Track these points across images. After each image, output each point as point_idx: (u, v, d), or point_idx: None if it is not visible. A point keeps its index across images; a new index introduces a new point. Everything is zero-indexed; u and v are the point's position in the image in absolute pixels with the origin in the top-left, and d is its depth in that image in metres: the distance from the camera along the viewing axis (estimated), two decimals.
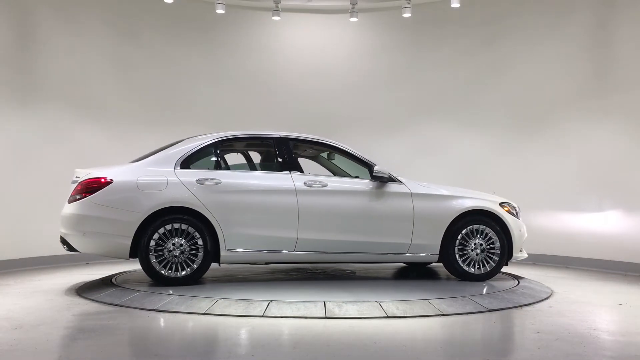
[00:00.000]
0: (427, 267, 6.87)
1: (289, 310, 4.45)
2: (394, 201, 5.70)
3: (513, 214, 6.00)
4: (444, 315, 4.48)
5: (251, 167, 6.22)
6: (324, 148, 6.15)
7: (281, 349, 3.57)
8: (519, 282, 5.87)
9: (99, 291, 5.28)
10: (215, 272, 6.48)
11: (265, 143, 6.09)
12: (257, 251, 5.48)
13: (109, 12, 8.45)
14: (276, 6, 8.83)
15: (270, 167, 6.02)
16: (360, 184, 5.75)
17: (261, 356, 3.41)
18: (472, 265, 5.79)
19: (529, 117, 8.40)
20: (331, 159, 6.31)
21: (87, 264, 7.72)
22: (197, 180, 5.41)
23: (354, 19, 8.99)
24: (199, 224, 5.35)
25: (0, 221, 7.13)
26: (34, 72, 7.62)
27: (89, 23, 8.24)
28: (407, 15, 8.76)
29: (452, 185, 6.41)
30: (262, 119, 9.07)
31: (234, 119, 8.94)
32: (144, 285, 5.42)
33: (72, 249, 5.46)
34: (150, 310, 4.59)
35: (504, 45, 8.69)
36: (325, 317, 4.34)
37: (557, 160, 8.11)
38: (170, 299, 4.77)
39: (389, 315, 4.41)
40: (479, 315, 4.55)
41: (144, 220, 5.25)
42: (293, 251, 5.53)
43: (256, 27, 9.36)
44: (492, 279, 5.85)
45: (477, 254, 5.79)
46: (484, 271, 5.80)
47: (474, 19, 8.90)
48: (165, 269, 5.28)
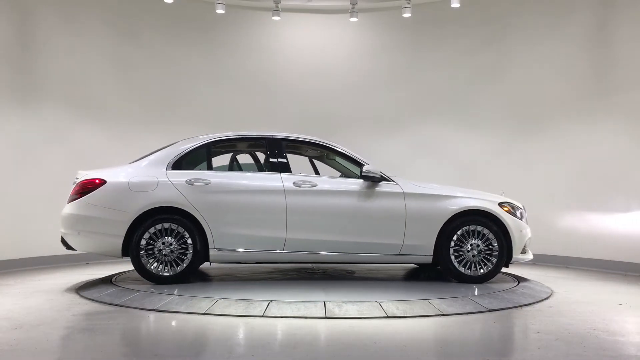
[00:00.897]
0: (428, 268, 6.85)
1: (289, 310, 4.45)
2: (385, 201, 5.63)
3: (514, 214, 5.83)
4: (444, 315, 4.47)
5: (244, 168, 6.24)
6: (316, 148, 6.13)
7: (281, 349, 3.57)
8: (519, 282, 5.86)
9: (99, 291, 5.28)
10: (215, 272, 6.49)
11: (256, 144, 6.16)
12: (246, 251, 5.53)
13: (109, 12, 8.46)
14: (276, 6, 8.84)
15: (261, 168, 6.09)
16: (352, 184, 5.72)
17: (261, 356, 3.41)
18: (469, 267, 5.68)
19: (529, 117, 8.40)
20: (330, 159, 6.31)
21: (87, 264, 7.72)
22: (187, 181, 5.51)
23: (354, 19, 9.00)
24: (188, 224, 5.44)
25: (1, 221, 7.13)
26: (35, 72, 7.62)
27: (89, 23, 8.25)
28: (407, 15, 8.77)
29: (453, 185, 6.40)
30: (262, 119, 9.07)
31: (234, 119, 8.95)
32: (144, 285, 5.42)
33: (70, 248, 5.65)
34: (150, 310, 4.59)
35: (504, 45, 8.69)
36: (325, 317, 4.33)
37: (557, 160, 8.11)
38: (170, 299, 4.77)
39: (389, 315, 4.40)
40: (479, 315, 4.55)
41: (135, 220, 5.39)
42: (282, 251, 5.55)
43: (256, 27, 9.36)
44: (493, 279, 5.84)
45: (474, 256, 5.66)
46: (481, 273, 5.69)
47: (474, 19, 8.90)
48: (156, 268, 5.41)
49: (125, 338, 3.99)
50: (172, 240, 5.41)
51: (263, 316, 4.35)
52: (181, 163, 5.67)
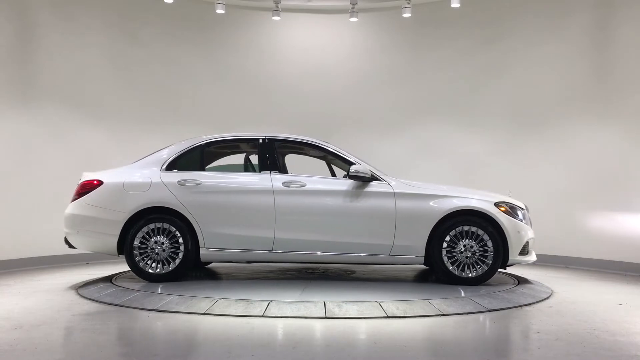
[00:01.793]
0: (428, 268, 6.85)
1: (289, 310, 4.45)
2: (374, 201, 5.56)
3: (511, 215, 5.62)
4: (444, 315, 4.47)
5: (237, 169, 6.26)
6: (308, 147, 6.13)
7: (281, 349, 3.57)
8: (519, 282, 5.86)
9: (99, 291, 5.29)
10: (215, 272, 6.49)
11: (249, 145, 6.22)
12: (236, 250, 5.59)
13: (109, 12, 8.46)
14: (276, 6, 8.84)
15: (253, 168, 6.14)
16: (341, 183, 5.68)
17: (261, 356, 3.41)
18: (462, 268, 5.52)
19: (529, 117, 8.40)
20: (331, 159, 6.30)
21: (87, 264, 7.72)
22: (179, 182, 5.64)
23: (354, 19, 9.00)
24: (179, 223, 5.57)
25: (1, 221, 7.12)
26: (35, 72, 7.62)
27: (89, 23, 8.24)
28: (407, 15, 8.77)
29: (453, 184, 6.38)
30: (262, 118, 9.08)
31: (235, 119, 8.97)
32: (144, 285, 5.44)
33: (72, 246, 5.86)
34: (150, 310, 4.59)
35: (504, 45, 8.69)
36: (325, 317, 4.34)
37: (557, 160, 8.11)
38: (170, 299, 4.77)
39: (389, 315, 4.40)
40: (479, 315, 4.55)
41: (129, 219, 5.57)
42: (271, 251, 5.58)
43: (256, 27, 9.36)
44: (493, 279, 5.83)
45: (467, 257, 5.50)
46: (474, 275, 5.52)
47: (474, 19, 8.90)
48: (149, 266, 5.56)
49: (125, 338, 3.99)
50: (164, 240, 5.55)
51: (263, 316, 4.35)
52: (175, 164, 5.80)
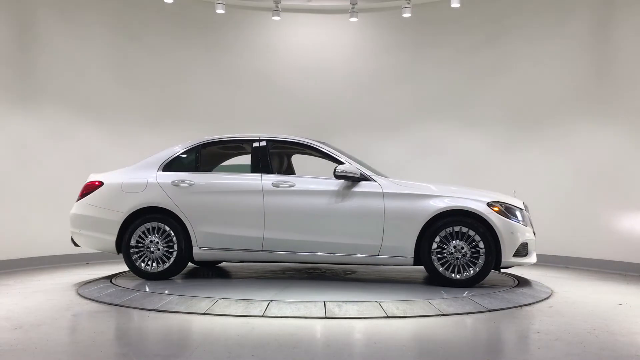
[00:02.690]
0: None
1: (289, 310, 4.45)
2: (362, 201, 5.51)
3: (505, 215, 5.40)
4: (443, 315, 4.47)
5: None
6: (301, 148, 6.14)
7: (281, 349, 3.57)
8: (519, 282, 5.86)
9: (99, 291, 5.29)
10: (215, 272, 6.49)
11: (243, 145, 6.31)
12: (227, 250, 5.69)
13: (109, 13, 8.45)
14: (276, 6, 8.83)
15: (246, 168, 6.14)
16: (332, 184, 5.63)
17: (261, 356, 3.41)
18: (453, 270, 5.38)
19: (530, 117, 8.39)
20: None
21: (87, 264, 7.72)
22: (173, 182, 5.80)
23: (354, 19, 8.99)
24: (174, 223, 5.72)
25: (1, 221, 7.13)
26: (35, 73, 7.61)
27: (89, 23, 8.23)
28: (407, 15, 8.76)
29: (453, 184, 6.37)
30: (262, 118, 9.08)
31: (234, 119, 8.97)
32: (144, 285, 5.44)
33: (76, 245, 6.14)
34: (150, 310, 4.59)
35: (504, 45, 8.69)
36: (325, 317, 4.34)
37: (558, 159, 8.10)
38: (170, 299, 4.78)
39: (389, 315, 4.41)
40: (479, 315, 4.55)
41: (127, 219, 5.76)
42: (260, 250, 5.62)
43: (256, 27, 9.36)
44: (493, 279, 5.84)
45: (458, 258, 5.35)
46: (465, 276, 5.37)
47: (474, 19, 8.90)
48: (144, 264, 5.73)
49: (125, 338, 3.99)
50: (159, 239, 5.71)
51: (263, 316, 4.35)
52: (172, 165, 5.96)
